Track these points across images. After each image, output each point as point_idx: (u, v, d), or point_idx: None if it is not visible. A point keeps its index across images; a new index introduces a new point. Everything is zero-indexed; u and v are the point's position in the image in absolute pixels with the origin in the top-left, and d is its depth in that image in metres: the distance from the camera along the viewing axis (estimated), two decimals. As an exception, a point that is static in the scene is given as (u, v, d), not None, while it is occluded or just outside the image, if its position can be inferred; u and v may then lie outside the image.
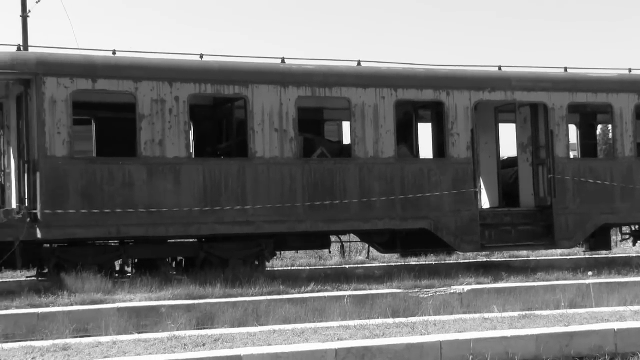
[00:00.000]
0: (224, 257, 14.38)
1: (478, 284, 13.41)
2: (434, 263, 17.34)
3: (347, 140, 16.60)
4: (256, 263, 14.66)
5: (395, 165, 15.19)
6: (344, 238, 18.50)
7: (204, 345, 8.00)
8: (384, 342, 7.82)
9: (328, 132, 17.94)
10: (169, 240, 14.65)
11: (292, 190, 14.51)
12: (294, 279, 13.68)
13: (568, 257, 18.68)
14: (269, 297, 11.90)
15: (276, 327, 9.10)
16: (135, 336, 8.82)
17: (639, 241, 18.55)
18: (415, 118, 17.79)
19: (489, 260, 18.51)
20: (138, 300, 11.68)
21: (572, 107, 16.84)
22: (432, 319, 9.52)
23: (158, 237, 14.03)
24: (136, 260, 14.62)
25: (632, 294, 12.43)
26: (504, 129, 18.51)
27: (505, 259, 18.67)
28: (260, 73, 14.71)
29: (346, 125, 17.39)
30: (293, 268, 17.18)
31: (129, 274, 14.28)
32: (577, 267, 15.46)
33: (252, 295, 12.04)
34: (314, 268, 16.98)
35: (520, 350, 7.91)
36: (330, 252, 18.73)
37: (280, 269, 16.86)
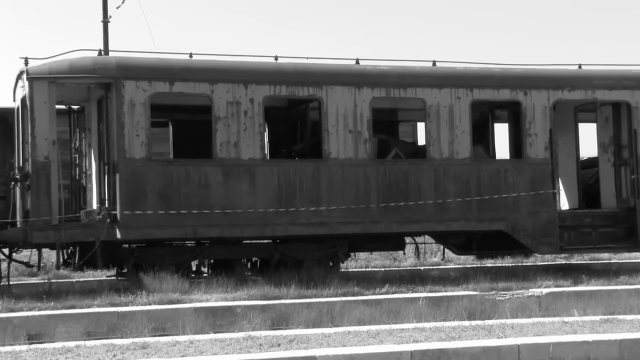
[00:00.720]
0: (298, 258, 14.43)
1: (557, 286, 13.11)
2: (510, 265, 17.03)
3: (422, 141, 16.47)
4: (330, 264, 14.67)
5: (471, 166, 14.99)
6: (419, 239, 18.36)
7: (279, 345, 8.03)
8: (460, 345, 7.71)
9: (402, 133, 17.83)
10: (244, 241, 14.77)
11: (366, 191, 14.46)
12: (368, 280, 13.63)
13: (652, 260, 18.12)
14: (344, 298, 11.88)
15: (351, 328, 9.07)
16: (212, 336, 8.92)
17: None
18: (492, 118, 17.52)
19: (568, 262, 18.09)
20: (214, 300, 11.81)
21: (657, 106, 16.32)
22: (510, 321, 9.35)
23: (233, 238, 14.16)
24: (212, 260, 14.80)
25: None
26: (584, 128, 18.07)
27: (585, 262, 18.21)
28: (334, 74, 14.71)
29: (421, 126, 17.26)
30: (367, 269, 17.12)
31: (205, 274, 14.47)
32: (662, 271, 14.97)
33: (327, 296, 12.04)
34: (388, 269, 16.90)
35: (602, 355, 7.69)
36: (404, 254, 18.59)
37: (354, 270, 16.82)
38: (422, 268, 16.95)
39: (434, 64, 15.53)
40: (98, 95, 14.48)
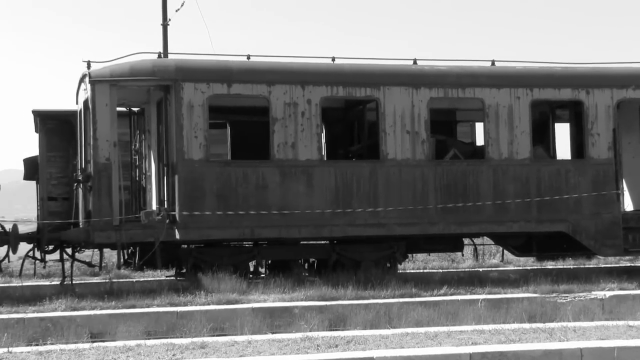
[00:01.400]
0: (355, 259, 14.40)
1: (621, 289, 12.80)
2: (572, 267, 16.72)
3: (480, 141, 16.28)
4: (388, 265, 14.61)
5: (531, 167, 14.76)
6: (477, 241, 18.16)
7: (337, 346, 8.01)
8: (520, 348, 7.59)
9: (460, 133, 17.66)
10: (301, 242, 14.80)
11: (424, 192, 14.36)
12: (426, 282, 13.53)
13: None
14: (401, 300, 11.81)
15: (409, 330, 9.00)
16: (270, 336, 8.94)
17: None
18: (552, 118, 17.24)
19: (633, 265, 17.68)
20: (271, 300, 11.85)
21: None
22: (572, 324, 9.17)
23: (290, 239, 14.20)
24: (269, 261, 14.85)
25: None
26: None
27: (650, 264, 17.78)
28: (391, 75, 14.65)
29: (479, 126, 17.06)
30: (425, 270, 17.01)
31: (262, 275, 14.53)
32: None
33: (384, 298, 11.99)
34: (446, 271, 16.76)
35: (669, 360, 7.48)
36: (463, 255, 18.41)
37: (412, 271, 16.72)
38: (481, 270, 16.77)
39: (493, 63, 15.35)
40: (157, 98, 14.66)
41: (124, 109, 15.67)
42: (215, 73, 13.90)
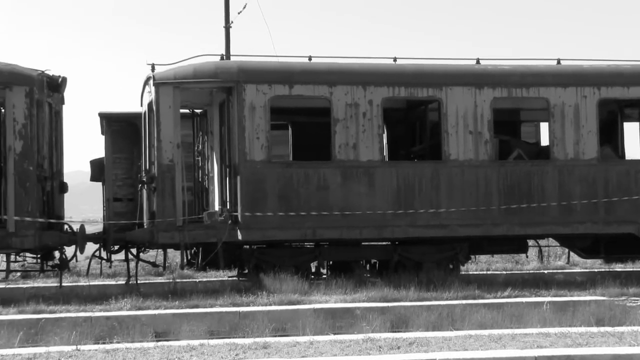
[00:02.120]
0: (417, 260, 14.30)
1: (692, 293, 12.42)
2: (641, 270, 16.32)
3: (545, 141, 16.01)
4: (450, 266, 14.47)
5: (598, 167, 14.45)
6: (542, 242, 17.86)
7: (399, 348, 7.96)
8: (588, 352, 7.42)
9: (524, 134, 17.40)
10: (363, 243, 14.75)
11: (487, 193, 14.19)
12: (489, 283, 13.36)
13: None
14: (464, 301, 11.69)
15: (472, 332, 8.90)
16: (331, 337, 8.93)
17: None
18: (621, 117, 16.84)
19: None
20: (333, 301, 11.84)
21: None
22: (642, 329, 8.92)
23: (352, 240, 14.17)
24: (331, 262, 14.85)
25: None
26: None
27: None
28: (454, 75, 14.51)
29: (544, 126, 16.78)
30: (488, 272, 16.80)
31: (324, 276, 14.53)
32: None
33: (447, 299, 11.88)
34: (510, 272, 16.53)
35: None
36: (527, 257, 18.14)
37: (474, 273, 16.54)
38: (546, 272, 16.49)
39: (559, 62, 15.08)
40: (220, 99, 14.80)
41: (187, 110, 15.85)
42: (277, 74, 13.96)
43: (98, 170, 17.08)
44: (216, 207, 14.84)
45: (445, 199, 14.07)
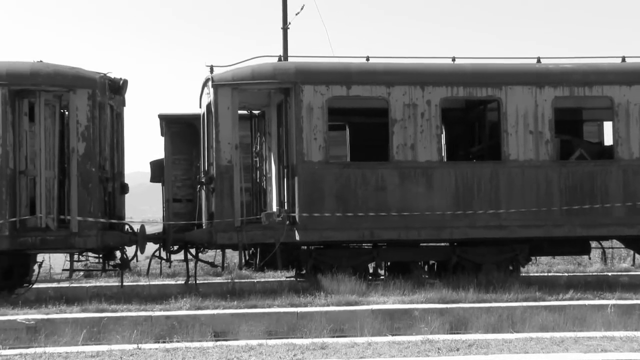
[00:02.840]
0: (476, 262, 14.15)
1: None
2: None
3: (609, 140, 15.67)
4: (510, 268, 14.27)
5: (666, 167, 14.08)
6: (606, 244, 17.50)
7: (458, 350, 7.88)
8: (655, 357, 7.23)
9: (587, 133, 17.07)
10: (421, 244, 14.65)
11: (548, 193, 13.96)
12: (550, 285, 13.14)
13: None
14: (524, 304, 11.52)
15: (533, 335, 8.76)
16: (389, 338, 8.89)
17: None
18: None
19: None
20: (391, 302, 11.78)
21: None
22: None
23: (410, 241, 14.08)
24: (388, 263, 14.78)
25: None
26: None
27: None
28: (514, 74, 14.33)
29: (607, 125, 16.43)
30: (549, 274, 16.53)
31: (381, 277, 14.47)
32: None
33: (507, 301, 11.72)
34: (572, 274, 16.25)
35: None
36: (590, 258, 17.82)
37: (535, 274, 16.30)
38: (610, 274, 16.16)
39: (623, 59, 14.75)
40: (278, 100, 14.86)
41: (245, 111, 15.96)
42: (335, 75, 13.96)
43: (158, 171, 17.32)
44: (274, 208, 14.90)
45: (505, 200, 13.89)
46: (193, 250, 14.92)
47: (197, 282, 14.66)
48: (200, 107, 15.40)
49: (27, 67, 13.47)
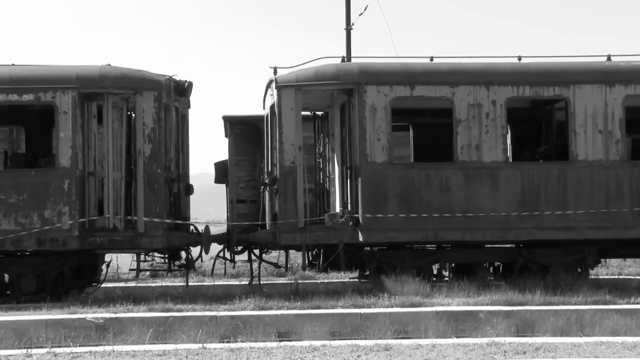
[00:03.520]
0: (543, 264, 13.90)
1: None
2: None
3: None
4: (578, 270, 13.98)
5: None
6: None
7: (525, 353, 7.74)
8: None
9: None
10: (486, 245, 14.46)
11: (618, 194, 13.64)
12: (621, 288, 12.83)
13: None
14: (594, 307, 11.25)
15: (603, 339, 8.56)
16: (454, 340, 8.79)
17: None
18: None
19: None
20: (455, 304, 11.65)
21: None
22: None
23: (474, 242, 13.91)
24: (453, 264, 14.63)
25: None
26: None
27: None
28: (582, 73, 14.04)
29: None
30: (620, 277, 16.14)
31: (446, 278, 14.33)
32: None
33: (575, 304, 11.48)
34: (644, 278, 15.82)
35: None
36: (663, 262, 17.34)
37: (605, 277, 15.92)
38: (685, 278, 15.67)
39: (697, 55, 14.32)
40: (341, 101, 14.85)
41: (308, 112, 15.99)
42: (398, 75, 13.88)
43: (222, 172, 17.48)
44: (337, 209, 14.89)
45: (573, 201, 13.62)
46: (257, 251, 15.01)
47: (261, 283, 14.75)
48: (263, 109, 15.50)
49: (96, 71, 13.74)
